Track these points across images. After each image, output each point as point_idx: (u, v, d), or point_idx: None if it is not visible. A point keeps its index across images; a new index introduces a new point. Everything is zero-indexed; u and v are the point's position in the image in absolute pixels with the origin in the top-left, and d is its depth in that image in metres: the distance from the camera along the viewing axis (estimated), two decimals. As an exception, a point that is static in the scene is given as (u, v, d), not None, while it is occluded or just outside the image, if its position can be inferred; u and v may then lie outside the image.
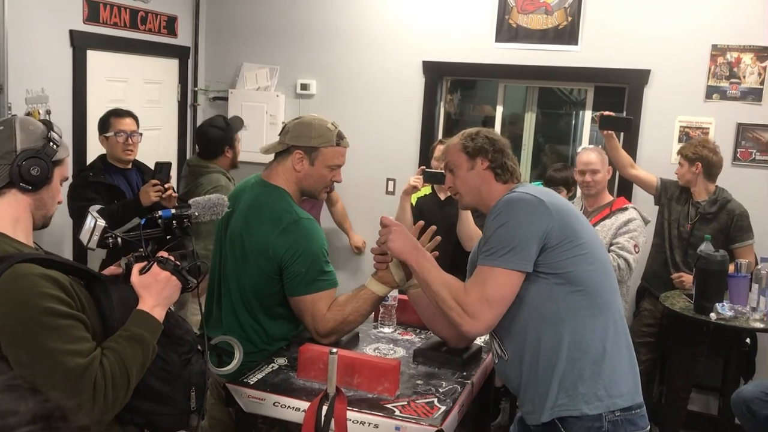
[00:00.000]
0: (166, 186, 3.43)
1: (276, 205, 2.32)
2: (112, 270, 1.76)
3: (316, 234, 2.31)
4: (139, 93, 4.81)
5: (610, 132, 3.81)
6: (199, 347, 1.77)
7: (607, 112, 3.79)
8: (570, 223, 1.97)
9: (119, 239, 1.74)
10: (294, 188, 2.38)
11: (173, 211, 1.85)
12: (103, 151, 3.74)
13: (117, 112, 3.69)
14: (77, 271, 1.58)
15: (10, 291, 1.43)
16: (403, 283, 2.31)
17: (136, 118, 3.74)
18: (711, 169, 3.80)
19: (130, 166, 3.73)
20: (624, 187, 4.41)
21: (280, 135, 2.42)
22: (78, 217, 3.50)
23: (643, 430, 2.00)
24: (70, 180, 3.58)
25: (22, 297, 1.43)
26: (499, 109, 4.98)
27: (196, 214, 1.88)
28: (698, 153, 3.79)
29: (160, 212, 1.84)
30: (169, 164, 3.59)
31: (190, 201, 1.92)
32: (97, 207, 3.44)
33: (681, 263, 3.83)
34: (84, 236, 1.72)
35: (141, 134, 3.73)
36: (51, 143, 1.60)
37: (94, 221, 1.72)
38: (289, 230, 2.26)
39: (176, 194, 3.54)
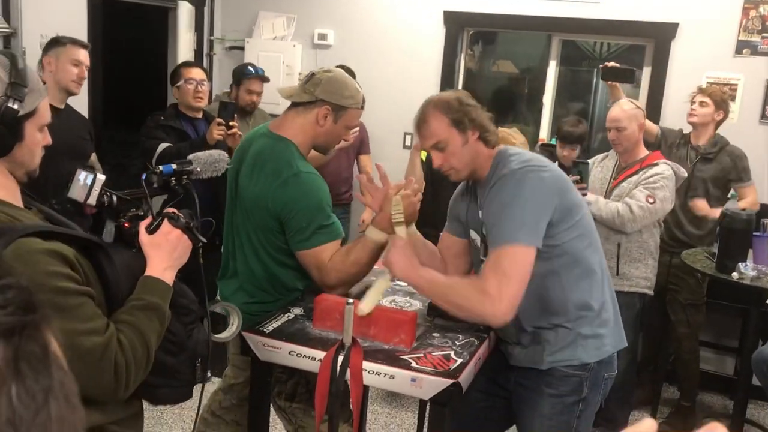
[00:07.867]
0: (230, 124, 3.51)
1: (279, 157, 2.26)
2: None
3: (316, 187, 2.25)
4: (154, 41, 4.75)
5: (614, 83, 3.83)
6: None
7: (611, 63, 3.81)
8: (570, 197, 2.03)
9: (114, 197, 1.59)
10: (307, 141, 2.33)
11: (174, 166, 1.73)
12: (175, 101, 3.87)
13: (186, 63, 3.86)
14: (79, 239, 1.43)
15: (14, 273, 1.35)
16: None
17: (204, 69, 3.94)
18: (724, 120, 3.85)
19: (200, 115, 3.82)
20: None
21: (306, 84, 2.32)
22: (148, 155, 3.60)
23: (614, 372, 2.18)
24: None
25: (29, 279, 1.35)
26: (553, 65, 4.86)
27: (198, 169, 1.79)
28: (725, 102, 3.82)
29: (160, 167, 1.72)
30: (234, 104, 3.75)
31: (191, 156, 1.83)
32: (165, 145, 3.49)
33: (679, 208, 3.77)
34: (79, 193, 1.54)
35: (209, 83, 3.91)
36: (11, 100, 1.35)
37: (93, 176, 1.53)
38: (288, 183, 2.20)
39: (241, 134, 3.53)
